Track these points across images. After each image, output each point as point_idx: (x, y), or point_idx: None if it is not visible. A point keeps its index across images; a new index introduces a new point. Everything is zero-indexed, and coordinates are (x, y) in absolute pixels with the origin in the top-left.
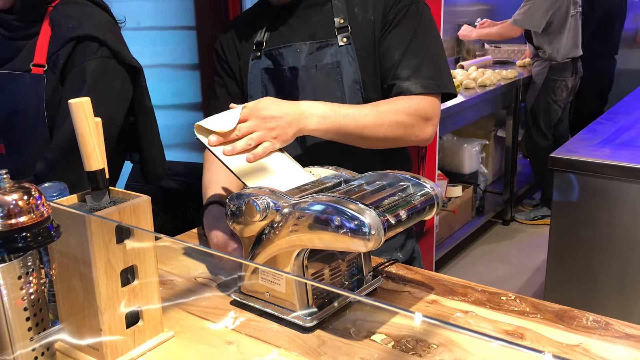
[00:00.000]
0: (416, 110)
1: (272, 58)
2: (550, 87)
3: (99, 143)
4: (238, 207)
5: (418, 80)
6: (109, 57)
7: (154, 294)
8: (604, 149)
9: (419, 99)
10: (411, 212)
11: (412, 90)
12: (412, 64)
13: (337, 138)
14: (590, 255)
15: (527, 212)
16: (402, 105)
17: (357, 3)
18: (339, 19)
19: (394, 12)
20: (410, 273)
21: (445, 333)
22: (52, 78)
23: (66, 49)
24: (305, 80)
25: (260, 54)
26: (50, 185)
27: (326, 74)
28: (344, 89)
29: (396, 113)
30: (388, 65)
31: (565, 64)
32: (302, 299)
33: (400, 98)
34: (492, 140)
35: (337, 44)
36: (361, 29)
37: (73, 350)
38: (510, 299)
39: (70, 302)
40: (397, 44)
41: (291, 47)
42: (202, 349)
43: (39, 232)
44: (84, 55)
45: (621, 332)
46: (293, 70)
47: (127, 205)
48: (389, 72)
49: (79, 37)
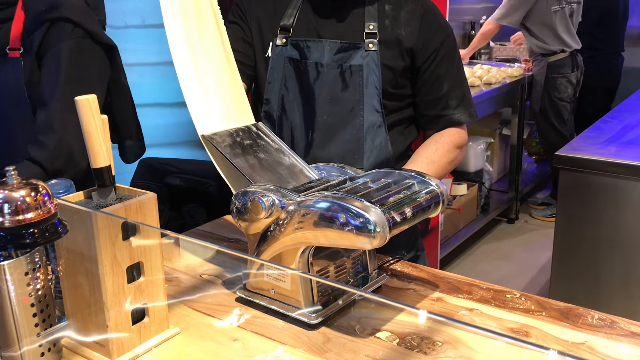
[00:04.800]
0: (459, 140)
1: (298, 49)
2: (552, 85)
3: (105, 140)
4: (243, 205)
5: (464, 110)
6: (84, 37)
7: (159, 291)
8: (609, 147)
9: (462, 130)
10: (416, 209)
11: (462, 120)
12: (458, 95)
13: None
14: (595, 254)
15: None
16: (449, 141)
17: (388, 15)
18: (370, 24)
19: (435, 45)
20: (415, 271)
21: (450, 330)
22: (29, 60)
23: (40, 30)
24: (327, 78)
25: (286, 40)
26: (56, 182)
27: (349, 75)
28: (363, 93)
29: (446, 153)
30: (438, 95)
31: (564, 59)
32: (307, 296)
33: (446, 134)
34: (497, 138)
35: (364, 48)
36: (388, 40)
37: (79, 346)
38: (516, 297)
39: (76, 298)
40: (444, 75)
41: (320, 43)
42: (207, 346)
43: (46, 228)
44: (59, 37)
45: (627, 330)
46: (317, 65)
47: (133, 202)
48: (439, 102)
49: (52, 18)
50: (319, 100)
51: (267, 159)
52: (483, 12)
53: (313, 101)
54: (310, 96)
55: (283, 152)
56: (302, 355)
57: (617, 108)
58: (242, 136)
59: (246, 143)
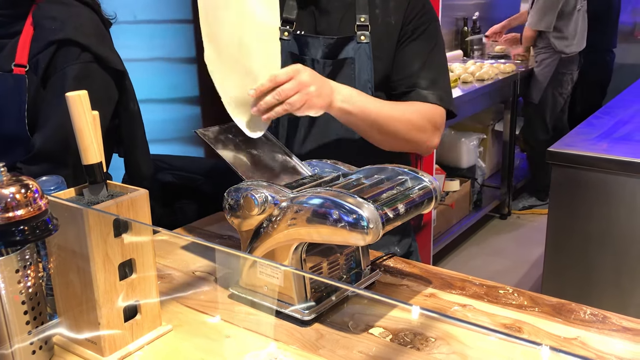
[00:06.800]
0: (430, 116)
1: (299, 44)
2: (559, 80)
3: (96, 137)
4: (236, 201)
5: (435, 92)
6: (91, 62)
7: (152, 288)
8: (601, 143)
9: (433, 107)
10: (409, 205)
11: (429, 99)
12: (430, 76)
13: (357, 123)
14: (587, 249)
15: (516, 202)
16: (418, 108)
17: (378, 5)
18: (361, 16)
19: (415, 24)
20: (408, 267)
21: (443, 326)
22: (34, 80)
23: (47, 52)
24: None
25: (288, 34)
26: (47, 178)
27: (340, 68)
28: (355, 85)
29: (413, 113)
30: (407, 73)
31: (573, 57)
32: (300, 293)
33: (417, 102)
34: (489, 134)
35: (356, 41)
36: (380, 31)
37: (71, 344)
38: (508, 293)
39: (68, 295)
40: (418, 55)
41: (317, 40)
42: (200, 343)
43: (36, 225)
44: (66, 60)
45: (618, 325)
46: (314, 62)
47: (125, 199)
48: (408, 80)
49: (60, 40)
50: None
51: (260, 155)
52: (476, 8)
53: None
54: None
55: (276, 148)
56: (296, 352)
57: (609, 104)
58: (234, 132)
59: (239, 139)
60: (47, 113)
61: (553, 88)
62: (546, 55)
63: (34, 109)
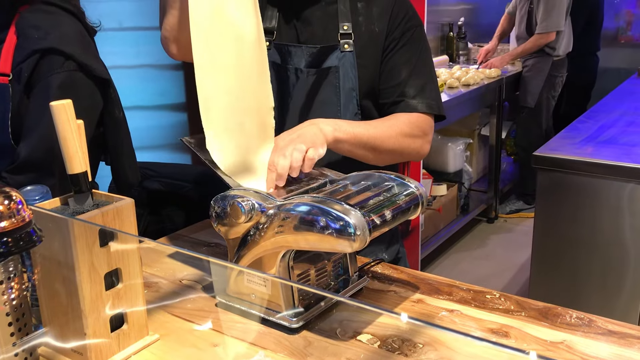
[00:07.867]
0: (420, 124)
1: (281, 53)
2: (552, 83)
3: (81, 145)
4: (223, 209)
5: (423, 100)
6: (75, 70)
7: (138, 297)
8: (586, 146)
9: (421, 116)
10: (396, 212)
11: (418, 108)
12: (417, 84)
13: (351, 149)
14: (573, 252)
15: (503, 206)
16: (406, 120)
17: (361, 12)
18: (344, 24)
19: (400, 31)
20: (395, 272)
21: (431, 332)
22: (17, 89)
23: (30, 61)
24: (305, 82)
25: (269, 44)
26: (33, 188)
27: (325, 77)
28: (340, 94)
29: (402, 126)
30: (395, 82)
31: (563, 60)
32: (287, 300)
33: (404, 114)
34: (476, 138)
35: (340, 49)
36: (364, 38)
37: (57, 354)
38: (495, 297)
39: (53, 306)
40: (404, 63)
41: (300, 49)
42: (187, 352)
43: (20, 237)
44: (50, 69)
45: (604, 328)
46: (297, 71)
47: (110, 209)
48: (396, 89)
49: (43, 49)
50: (298, 104)
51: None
52: (461, 13)
53: (292, 105)
54: (289, 101)
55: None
56: None
57: (593, 108)
58: None
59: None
60: (31, 122)
61: (547, 91)
62: (536, 59)
63: (18, 118)
